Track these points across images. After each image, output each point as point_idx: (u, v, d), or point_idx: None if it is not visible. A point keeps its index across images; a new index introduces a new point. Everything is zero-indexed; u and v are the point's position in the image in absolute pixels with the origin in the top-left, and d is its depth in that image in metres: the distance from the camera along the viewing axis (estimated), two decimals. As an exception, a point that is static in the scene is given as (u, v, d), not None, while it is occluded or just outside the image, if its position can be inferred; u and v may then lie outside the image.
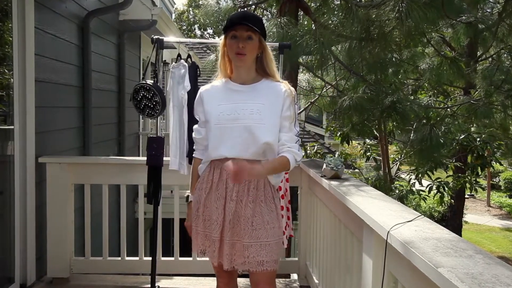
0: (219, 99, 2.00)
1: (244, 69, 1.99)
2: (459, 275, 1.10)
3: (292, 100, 1.98)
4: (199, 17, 23.57)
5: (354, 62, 4.99)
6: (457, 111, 6.11)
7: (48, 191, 3.34)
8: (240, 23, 1.90)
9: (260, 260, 1.91)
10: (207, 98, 2.03)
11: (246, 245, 1.90)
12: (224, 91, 2.02)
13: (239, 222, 1.91)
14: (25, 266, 3.29)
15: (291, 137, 1.98)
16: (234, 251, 1.94)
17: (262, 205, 1.93)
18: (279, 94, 1.97)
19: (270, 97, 1.97)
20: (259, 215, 1.91)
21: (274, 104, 1.95)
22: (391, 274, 1.63)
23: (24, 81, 3.27)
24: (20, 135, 3.26)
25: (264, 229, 1.91)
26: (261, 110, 1.93)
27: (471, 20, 4.72)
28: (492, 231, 16.63)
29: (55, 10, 3.90)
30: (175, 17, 26.55)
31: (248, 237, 1.90)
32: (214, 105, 1.99)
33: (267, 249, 1.91)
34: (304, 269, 3.41)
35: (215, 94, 2.03)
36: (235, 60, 1.96)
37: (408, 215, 1.69)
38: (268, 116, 1.93)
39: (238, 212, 1.91)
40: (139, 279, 3.48)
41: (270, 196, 1.97)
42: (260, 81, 2.01)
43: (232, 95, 1.99)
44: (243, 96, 1.97)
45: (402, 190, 7.41)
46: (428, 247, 1.32)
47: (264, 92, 1.98)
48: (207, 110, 2.00)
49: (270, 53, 2.00)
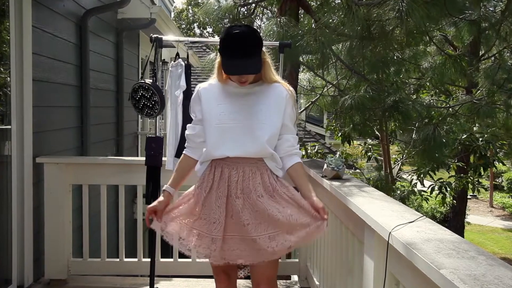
0: (219, 99, 1.98)
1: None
2: (462, 276, 1.09)
3: (294, 101, 2.04)
4: (198, 16, 23.58)
5: (355, 61, 4.96)
6: (459, 110, 6.07)
7: (46, 191, 3.32)
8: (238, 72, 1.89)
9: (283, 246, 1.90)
10: (205, 97, 2.01)
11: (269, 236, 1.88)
12: (224, 91, 2.00)
13: (252, 218, 1.89)
14: (22, 267, 3.27)
15: (295, 138, 2.05)
16: (243, 247, 1.91)
17: (271, 199, 1.93)
18: (281, 96, 2.00)
19: (272, 98, 1.98)
20: (272, 206, 1.90)
21: (276, 105, 1.97)
22: (392, 276, 1.61)
23: (21, 80, 3.25)
24: (17, 135, 3.24)
25: (283, 217, 1.89)
26: (263, 110, 1.94)
27: (474, 18, 4.68)
28: (495, 232, 16.57)
29: (53, 9, 3.88)
30: (174, 16, 26.53)
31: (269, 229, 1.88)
32: (213, 104, 1.98)
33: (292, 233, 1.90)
34: (305, 271, 3.39)
35: (214, 93, 2.01)
36: (237, 83, 1.96)
37: (409, 216, 1.68)
38: (270, 116, 1.95)
39: (249, 207, 1.90)
40: (138, 280, 3.45)
41: (275, 186, 1.97)
42: (259, 82, 2.01)
43: (233, 95, 1.99)
44: (244, 97, 1.98)
45: (404, 191, 7.38)
46: (430, 248, 1.31)
47: (266, 93, 1.99)
48: (205, 109, 1.98)
49: (269, 62, 1.99)
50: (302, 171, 2.05)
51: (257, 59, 1.88)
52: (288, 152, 2.02)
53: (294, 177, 2.04)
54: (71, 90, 4.34)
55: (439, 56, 5.65)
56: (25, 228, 3.27)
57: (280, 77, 2.08)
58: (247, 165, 1.94)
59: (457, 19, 4.93)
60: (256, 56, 1.87)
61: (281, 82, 2.03)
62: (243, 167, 1.93)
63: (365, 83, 4.83)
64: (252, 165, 1.94)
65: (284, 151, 2.01)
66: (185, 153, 2.12)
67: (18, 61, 3.22)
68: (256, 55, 1.87)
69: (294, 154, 2.03)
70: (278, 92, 1.99)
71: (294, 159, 2.03)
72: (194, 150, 2.08)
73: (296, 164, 2.03)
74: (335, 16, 4.32)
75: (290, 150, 2.02)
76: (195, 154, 2.08)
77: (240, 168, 1.93)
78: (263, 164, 1.97)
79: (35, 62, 3.41)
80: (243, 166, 1.93)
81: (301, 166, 2.05)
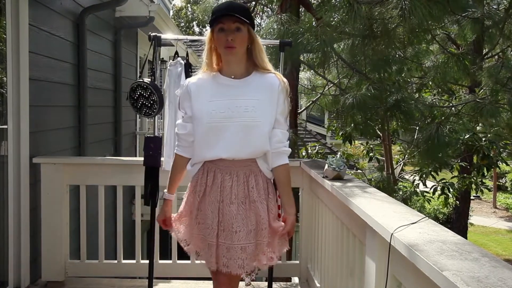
0: (209, 95, 1.91)
1: (235, 62, 1.91)
2: (465, 278, 1.08)
3: (286, 93, 1.95)
4: (197, 14, 23.51)
5: (356, 60, 4.93)
6: (462, 110, 6.03)
7: (43, 192, 3.29)
8: (226, 14, 1.82)
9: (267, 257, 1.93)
10: (195, 93, 1.93)
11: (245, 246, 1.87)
12: (214, 86, 1.93)
13: (244, 225, 1.87)
14: (19, 269, 3.24)
15: (285, 134, 1.97)
16: (230, 255, 1.88)
17: (263, 203, 1.91)
18: (274, 88, 1.92)
19: (264, 91, 1.91)
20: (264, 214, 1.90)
21: (269, 99, 1.90)
22: (394, 278, 1.60)
23: (18, 79, 3.22)
24: (13, 134, 3.21)
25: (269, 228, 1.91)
26: (256, 107, 1.87)
27: (478, 16, 4.64)
28: (499, 234, 16.51)
29: (50, 7, 3.85)
30: (173, 14, 26.48)
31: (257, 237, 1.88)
32: (204, 101, 1.90)
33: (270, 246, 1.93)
34: (306, 273, 3.36)
35: (204, 88, 1.93)
36: (225, 54, 1.88)
37: (412, 217, 1.66)
38: (263, 113, 1.88)
39: (243, 213, 1.87)
40: (136, 282, 3.44)
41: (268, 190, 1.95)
42: (252, 74, 1.94)
43: (224, 90, 1.91)
44: (236, 91, 1.90)
45: (406, 191, 7.34)
46: (433, 250, 1.30)
47: (258, 86, 1.91)
48: (196, 106, 1.91)
49: (260, 43, 1.92)
50: (287, 177, 1.98)
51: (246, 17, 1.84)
52: (276, 149, 1.94)
53: (277, 181, 1.99)
54: (69, 89, 4.31)
55: (441, 55, 5.62)
56: (22, 229, 3.24)
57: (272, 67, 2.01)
58: (240, 169, 1.89)
59: (460, 17, 4.90)
60: (244, 15, 1.83)
61: (274, 72, 1.96)
62: (237, 171, 1.89)
63: (366, 82, 4.80)
64: (245, 168, 1.90)
65: (272, 147, 1.93)
66: (177, 152, 2.05)
67: (14, 60, 3.19)
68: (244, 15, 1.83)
69: (282, 153, 1.96)
70: (271, 83, 1.92)
71: (281, 158, 1.96)
72: (186, 149, 2.02)
73: (282, 166, 1.96)
74: (337, 14, 4.28)
75: (278, 147, 1.94)
76: (188, 153, 2.02)
77: (234, 172, 1.89)
78: (256, 166, 1.92)
79: (32, 61, 3.38)
80: (236, 170, 1.89)
81: (287, 171, 1.98)
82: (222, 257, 1.89)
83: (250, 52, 1.92)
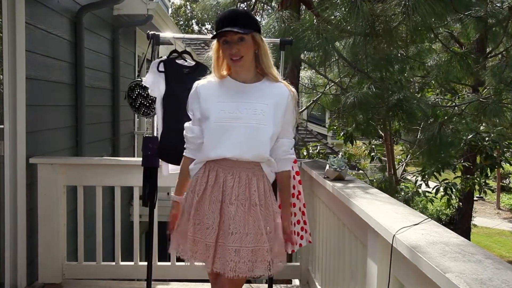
0: (218, 96, 1.93)
1: (243, 71, 1.94)
2: (468, 280, 1.09)
3: (295, 103, 2.00)
4: (196, 12, 23.48)
5: (358, 58, 4.89)
6: (465, 109, 5.98)
7: (40, 193, 3.28)
8: (229, 30, 1.82)
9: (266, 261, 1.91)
10: (204, 94, 1.95)
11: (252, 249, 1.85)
12: (223, 88, 1.95)
13: (241, 227, 1.85)
14: (15, 271, 3.22)
15: (291, 143, 2.03)
16: (223, 255, 1.86)
17: (262, 209, 1.90)
18: (283, 97, 1.95)
19: (273, 98, 1.93)
20: (263, 220, 1.89)
21: (277, 106, 1.93)
22: (397, 280, 1.60)
23: (14, 79, 3.19)
24: (10, 134, 3.18)
25: (266, 233, 1.89)
26: (265, 111, 1.89)
27: (481, 14, 4.60)
28: (502, 235, 16.45)
29: (47, 5, 3.82)
30: (171, 12, 26.44)
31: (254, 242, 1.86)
32: (213, 101, 1.92)
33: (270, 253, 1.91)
34: (306, 275, 3.35)
35: (213, 90, 1.95)
36: (232, 65, 1.91)
37: (414, 218, 1.67)
38: (271, 117, 1.90)
39: (241, 215, 1.86)
40: (134, 284, 3.44)
41: (269, 198, 1.95)
42: (261, 80, 1.96)
43: (233, 92, 1.93)
44: (245, 95, 1.92)
45: (408, 192, 7.30)
46: (436, 251, 1.30)
47: (267, 92, 1.94)
48: (204, 106, 1.92)
49: (266, 48, 1.94)
50: (287, 183, 2.09)
51: (249, 26, 1.84)
52: (281, 157, 2.01)
53: (279, 184, 2.08)
54: (66, 89, 4.28)
55: (444, 54, 5.58)
56: (18, 231, 3.22)
57: (280, 77, 2.03)
58: (243, 170, 1.89)
59: (463, 16, 4.86)
60: (246, 25, 1.84)
61: (283, 82, 1.99)
62: (239, 172, 1.89)
63: (368, 81, 4.77)
64: (248, 170, 1.90)
65: (278, 156, 1.99)
66: (186, 155, 2.07)
67: (11, 58, 3.16)
68: (247, 25, 1.84)
69: (288, 160, 2.04)
70: (281, 92, 1.95)
71: (287, 165, 2.04)
72: (195, 151, 2.03)
73: (284, 172, 2.05)
74: (338, 11, 4.24)
75: (284, 155, 2.01)
76: (196, 155, 2.03)
77: (236, 173, 1.88)
78: (260, 169, 1.93)
79: (29, 60, 3.36)
80: (239, 171, 1.89)
81: (288, 178, 2.08)
82: (218, 258, 1.88)
83: (257, 58, 1.94)
